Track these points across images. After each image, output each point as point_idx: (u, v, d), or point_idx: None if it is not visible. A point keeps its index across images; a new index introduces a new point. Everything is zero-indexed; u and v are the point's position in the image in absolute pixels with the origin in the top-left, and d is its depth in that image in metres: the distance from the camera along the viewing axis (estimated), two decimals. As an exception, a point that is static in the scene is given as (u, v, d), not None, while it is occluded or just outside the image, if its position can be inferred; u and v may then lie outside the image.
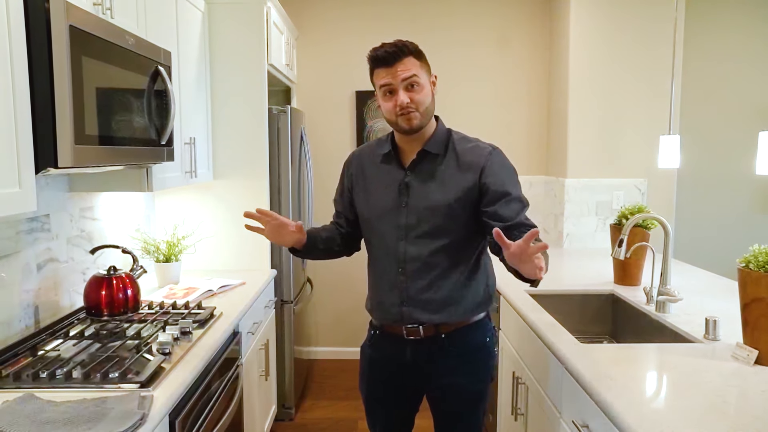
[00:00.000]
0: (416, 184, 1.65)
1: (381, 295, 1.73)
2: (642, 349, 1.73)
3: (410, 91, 1.58)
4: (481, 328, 1.75)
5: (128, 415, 1.25)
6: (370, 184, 1.75)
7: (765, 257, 1.51)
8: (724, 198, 3.71)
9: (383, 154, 1.72)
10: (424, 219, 1.63)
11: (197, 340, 1.82)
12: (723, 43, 3.62)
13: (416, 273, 1.65)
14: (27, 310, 1.84)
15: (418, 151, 1.66)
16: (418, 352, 1.71)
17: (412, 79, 1.57)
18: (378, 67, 1.60)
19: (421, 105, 1.59)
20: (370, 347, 1.83)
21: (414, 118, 1.59)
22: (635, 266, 2.44)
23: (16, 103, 1.29)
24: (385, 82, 1.59)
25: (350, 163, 1.83)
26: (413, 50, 1.60)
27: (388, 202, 1.68)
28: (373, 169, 1.75)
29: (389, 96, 1.60)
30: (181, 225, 2.85)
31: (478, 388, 1.75)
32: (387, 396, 1.82)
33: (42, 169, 1.39)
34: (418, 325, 1.68)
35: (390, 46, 1.58)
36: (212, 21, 2.82)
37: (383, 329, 1.77)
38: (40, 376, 1.46)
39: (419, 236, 1.64)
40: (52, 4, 1.34)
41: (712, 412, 1.28)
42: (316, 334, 4.10)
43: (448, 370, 1.71)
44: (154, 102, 1.88)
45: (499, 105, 3.90)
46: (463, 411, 1.76)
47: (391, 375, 1.78)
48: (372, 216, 1.72)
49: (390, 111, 1.60)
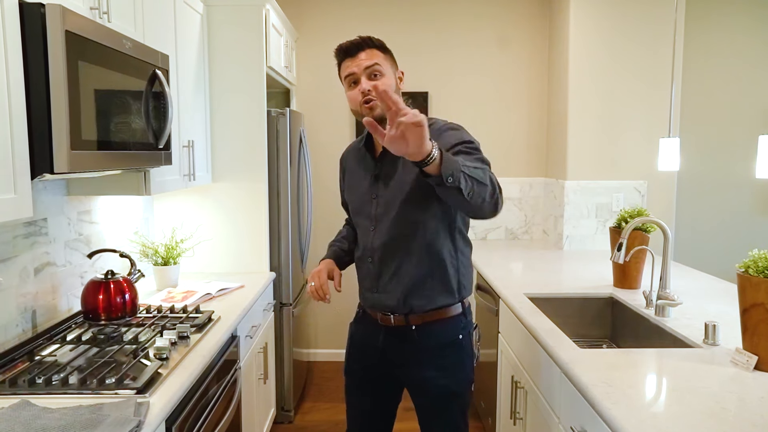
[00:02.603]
0: (384, 175, 1.71)
1: (361, 281, 1.81)
2: (640, 354, 1.73)
3: (373, 79, 1.61)
4: (454, 325, 1.73)
5: (124, 422, 1.24)
6: (351, 178, 1.84)
7: (764, 262, 1.50)
8: (724, 200, 3.71)
9: (359, 147, 1.80)
10: (390, 207, 1.68)
11: (195, 345, 1.81)
12: (723, 46, 3.62)
13: (382, 260, 1.71)
14: (24, 314, 1.83)
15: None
16: (389, 339, 1.76)
17: (374, 67, 1.61)
18: (343, 59, 1.66)
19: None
20: (355, 323, 1.91)
21: (376, 106, 1.59)
22: (635, 269, 2.43)
23: (12, 108, 1.29)
24: (349, 72, 1.63)
25: (342, 160, 1.93)
26: (378, 44, 1.65)
27: (363, 193, 1.76)
28: (354, 164, 1.83)
29: (353, 86, 1.64)
30: (180, 228, 2.85)
31: (446, 384, 1.72)
32: (363, 377, 1.86)
33: (38, 175, 1.38)
34: (389, 313, 1.73)
35: (355, 39, 1.64)
36: (211, 23, 2.81)
37: (365, 311, 1.85)
38: (36, 382, 1.45)
39: (386, 225, 1.69)
40: (48, 9, 1.34)
41: (711, 419, 1.27)
42: (315, 336, 4.09)
43: (418, 363, 1.73)
44: (151, 106, 1.88)
45: (499, 106, 3.90)
46: (433, 406, 1.76)
47: (367, 358, 1.83)
48: (353, 208, 1.82)
49: (354, 101, 1.64)
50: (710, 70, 3.62)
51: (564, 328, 1.94)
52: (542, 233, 3.86)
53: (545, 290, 2.47)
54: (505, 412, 2.36)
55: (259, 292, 2.58)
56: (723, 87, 3.64)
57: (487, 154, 1.60)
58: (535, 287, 2.51)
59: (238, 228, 2.91)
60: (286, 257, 3.07)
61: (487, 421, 2.83)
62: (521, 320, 2.11)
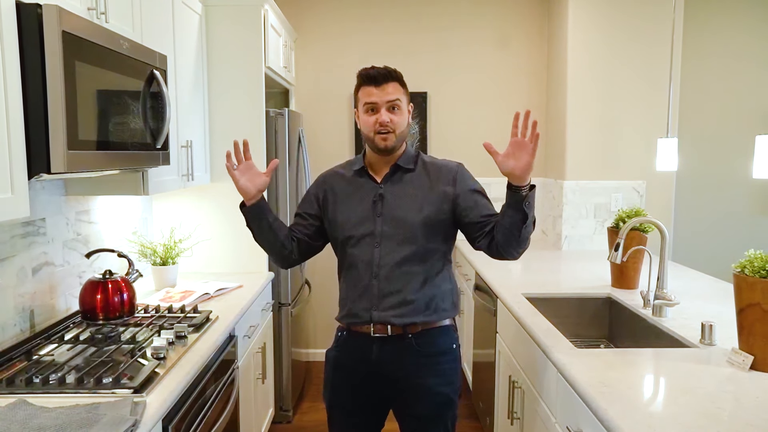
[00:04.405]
0: (390, 196, 1.75)
1: (353, 301, 1.75)
2: (637, 354, 1.73)
3: (391, 112, 1.71)
4: (448, 334, 1.79)
5: (120, 422, 1.25)
6: (343, 198, 1.80)
7: (760, 262, 1.51)
8: (722, 200, 3.71)
9: (356, 170, 1.81)
10: (397, 227, 1.72)
11: (192, 345, 1.81)
12: (721, 46, 3.62)
13: (388, 278, 1.71)
14: (22, 314, 1.84)
15: (392, 165, 1.78)
16: (384, 351, 1.73)
17: (395, 102, 1.71)
18: (367, 84, 1.72)
19: (398, 127, 1.72)
20: (336, 349, 1.83)
21: (390, 138, 1.71)
22: (632, 269, 2.43)
23: (9, 108, 1.29)
24: (371, 100, 1.70)
25: (320, 181, 1.88)
26: (399, 77, 1.74)
27: (363, 212, 1.75)
28: (344, 185, 1.82)
29: (371, 113, 1.72)
30: (178, 228, 2.85)
31: (446, 392, 1.75)
32: (351, 402, 1.80)
33: (35, 175, 1.38)
34: (385, 325, 1.72)
35: (381, 69, 1.72)
36: (209, 24, 2.82)
37: (350, 329, 1.79)
38: (34, 381, 1.46)
39: (393, 244, 1.71)
40: (45, 10, 1.35)
41: (706, 418, 1.27)
42: (314, 336, 4.10)
43: (415, 371, 1.73)
44: (149, 106, 1.88)
45: (498, 106, 3.90)
46: (431, 415, 1.75)
47: (356, 378, 1.78)
48: (347, 226, 1.76)
49: (369, 127, 1.72)
50: (708, 70, 3.62)
51: (562, 329, 1.94)
52: (541, 233, 3.86)
53: (543, 290, 2.47)
54: (502, 412, 2.37)
55: (258, 292, 2.58)
56: (721, 87, 3.64)
57: (485, 154, 1.65)
58: (533, 287, 2.51)
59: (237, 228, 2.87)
60: (284, 257, 3.06)
61: (485, 420, 2.83)
62: (519, 320, 2.11)
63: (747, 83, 3.62)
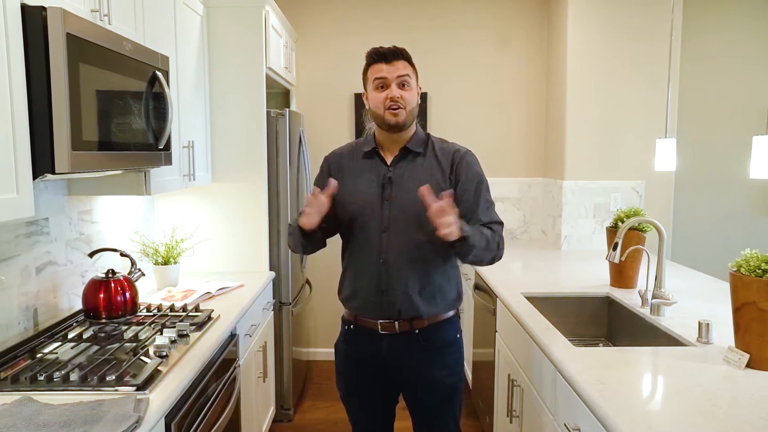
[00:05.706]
0: (399, 179, 1.75)
1: (359, 283, 1.78)
2: (634, 352, 1.74)
3: (402, 89, 1.71)
4: (453, 325, 1.84)
5: (124, 418, 1.27)
6: (351, 178, 1.80)
7: (756, 261, 1.52)
8: (721, 200, 3.72)
9: (365, 151, 1.81)
10: (405, 212, 1.72)
11: (194, 343, 1.83)
12: (720, 46, 3.63)
13: (396, 264, 1.72)
14: (26, 312, 1.85)
15: (401, 148, 1.78)
16: (393, 347, 1.77)
17: (405, 78, 1.72)
18: (376, 62, 1.73)
19: (408, 104, 1.72)
20: (345, 343, 1.88)
21: (400, 114, 1.71)
22: (631, 269, 2.45)
23: (14, 109, 1.31)
24: (380, 76, 1.71)
25: (329, 160, 1.89)
26: (408, 57, 1.76)
27: (371, 194, 1.76)
28: (354, 165, 1.82)
29: (381, 89, 1.72)
30: (180, 228, 2.87)
31: (453, 381, 1.83)
32: (364, 390, 1.88)
33: (39, 175, 1.40)
34: (393, 320, 1.74)
35: (391, 47, 1.74)
36: (211, 25, 2.83)
37: (357, 323, 1.82)
38: (38, 379, 1.48)
39: (400, 228, 1.72)
40: (50, 12, 1.36)
41: (703, 416, 1.29)
42: (315, 335, 4.11)
43: (425, 364, 1.78)
44: (151, 106, 1.90)
45: (498, 106, 3.91)
46: (440, 404, 1.83)
47: (367, 369, 1.84)
48: (354, 207, 1.77)
49: (379, 104, 1.72)
50: (707, 70, 3.63)
51: (561, 328, 1.96)
52: (541, 233, 3.88)
53: (543, 290, 2.48)
54: (502, 410, 2.38)
55: (259, 291, 2.60)
56: (720, 87, 3.65)
57: (485, 154, 1.66)
58: (533, 287, 2.53)
59: (238, 228, 2.93)
60: (285, 257, 3.08)
61: (484, 419, 2.85)
62: (518, 319, 2.13)
63: (746, 83, 3.64)
